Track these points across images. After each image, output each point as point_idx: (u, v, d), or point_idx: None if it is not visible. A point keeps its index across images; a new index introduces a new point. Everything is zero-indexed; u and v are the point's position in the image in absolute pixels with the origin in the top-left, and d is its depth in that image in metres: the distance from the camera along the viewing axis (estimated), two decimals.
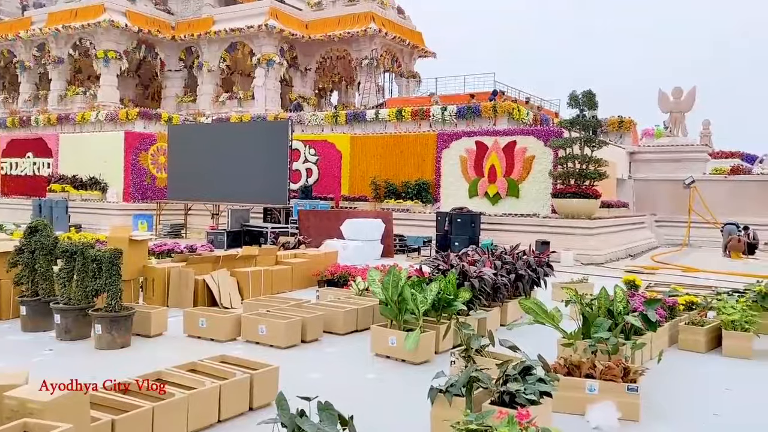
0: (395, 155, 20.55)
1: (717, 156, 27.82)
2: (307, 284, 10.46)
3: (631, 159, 24.20)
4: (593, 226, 16.35)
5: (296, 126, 23.21)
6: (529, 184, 18.07)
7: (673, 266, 15.11)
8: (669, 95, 24.50)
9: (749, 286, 8.06)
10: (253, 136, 19.51)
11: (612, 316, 5.80)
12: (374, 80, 29.52)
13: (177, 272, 8.63)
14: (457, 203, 18.51)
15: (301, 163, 21.98)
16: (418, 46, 31.94)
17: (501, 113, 20.37)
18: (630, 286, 8.86)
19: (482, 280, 7.33)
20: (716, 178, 22.46)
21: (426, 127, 21.51)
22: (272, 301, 8.10)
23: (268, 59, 28.57)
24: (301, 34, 29.61)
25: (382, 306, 6.52)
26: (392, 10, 30.94)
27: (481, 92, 24.78)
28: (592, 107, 16.76)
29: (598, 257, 15.62)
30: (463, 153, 19.12)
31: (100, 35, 28.62)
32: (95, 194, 22.63)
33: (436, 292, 6.41)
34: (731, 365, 6.28)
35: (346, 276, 9.97)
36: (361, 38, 28.95)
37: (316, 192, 21.15)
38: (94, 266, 6.49)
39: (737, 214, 20.07)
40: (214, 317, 6.98)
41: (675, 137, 24.58)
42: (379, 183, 20.32)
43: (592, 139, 16.58)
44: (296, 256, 11.24)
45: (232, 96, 29.84)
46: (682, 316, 7.18)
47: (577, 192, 16.49)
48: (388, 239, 16.21)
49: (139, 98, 34.25)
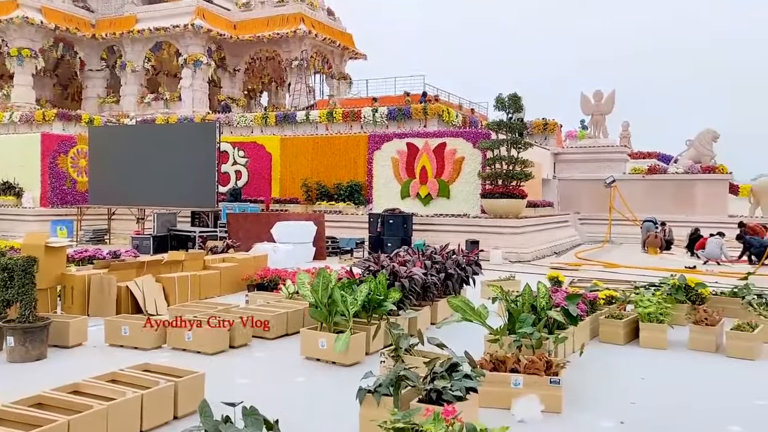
0: (327, 157, 20.48)
1: (635, 156, 29.15)
2: (236, 289, 10.27)
3: (555, 160, 25.02)
4: (520, 225, 16.80)
5: (225, 128, 22.78)
6: (460, 185, 18.39)
7: (595, 262, 15.71)
8: (590, 98, 25.48)
9: (664, 280, 8.48)
10: (179, 138, 18.99)
11: (536, 311, 5.98)
12: (305, 81, 29.32)
13: (98, 279, 8.29)
14: (390, 204, 18.63)
15: (230, 165, 21.57)
16: (348, 47, 31.96)
17: (431, 115, 20.66)
18: (554, 283, 9.17)
19: (412, 280, 7.41)
20: (635, 178, 23.52)
21: (357, 128, 21.56)
22: (200, 307, 7.90)
23: (195, 60, 27.91)
24: (230, 35, 29.07)
25: (311, 309, 6.48)
26: (322, 12, 30.83)
27: (412, 94, 25.05)
28: (517, 110, 17.21)
29: (526, 255, 16.06)
30: (395, 154, 19.26)
31: (13, 32, 27.16)
32: (9, 200, 21.45)
33: (366, 294, 6.42)
34: (647, 356, 6.59)
35: (277, 279, 9.85)
36: (290, 39, 28.71)
37: (246, 195, 20.80)
38: (5, 275, 6.15)
39: (654, 211, 21.08)
40: (137, 325, 6.74)
41: (596, 138, 25.59)
42: (311, 185, 20.19)
43: (518, 140, 17.04)
44: (225, 260, 11.02)
45: (158, 97, 28.99)
46: (602, 310, 7.48)
47: (505, 192, 16.91)
48: (320, 242, 16.13)
49: (57, 99, 32.71)
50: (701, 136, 23.75)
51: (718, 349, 6.70)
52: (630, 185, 23.00)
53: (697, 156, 23.49)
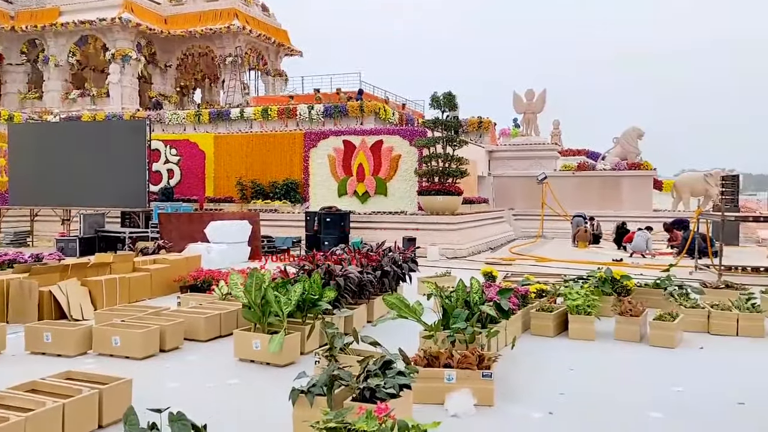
0: (262, 155, 20.19)
1: (566, 154, 30.08)
2: (168, 291, 9.99)
3: (490, 157, 25.52)
4: (456, 222, 17.05)
5: (156, 125, 22.14)
6: (397, 182, 18.50)
7: (528, 257, 16.12)
8: (522, 97, 26.11)
9: (592, 273, 8.78)
10: (107, 135, 18.28)
11: (469, 306, 6.07)
12: (239, 78, 28.82)
13: (17, 284, 7.89)
14: (327, 202, 18.54)
15: (161, 164, 20.97)
16: (284, 44, 31.62)
17: (368, 113, 20.68)
18: (488, 278, 9.35)
19: (348, 278, 7.39)
20: (565, 174, 24.26)
21: (293, 126, 21.36)
22: (128, 310, 7.64)
23: (124, 55, 26.99)
24: (160, 29, 28.25)
25: (245, 310, 6.37)
26: (256, 8, 30.37)
27: (348, 91, 25.00)
28: (452, 108, 17.44)
29: (462, 251, 16.31)
30: (332, 152, 19.18)
31: None
32: None
33: (301, 293, 6.36)
34: (576, 347, 6.80)
35: (210, 280, 9.62)
36: (224, 35, 28.16)
37: (179, 194, 20.28)
38: None
39: (583, 206, 21.81)
40: (60, 331, 6.46)
41: (528, 136, 26.25)
42: (246, 183, 19.87)
43: (454, 138, 17.28)
44: (156, 261, 10.70)
45: (84, 93, 27.90)
46: (533, 304, 7.67)
47: (441, 189, 17.12)
48: (256, 241, 15.89)
49: None
50: (627, 133, 24.72)
51: (642, 338, 6.99)
52: (561, 182, 23.70)
53: (624, 153, 24.43)
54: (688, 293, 8.17)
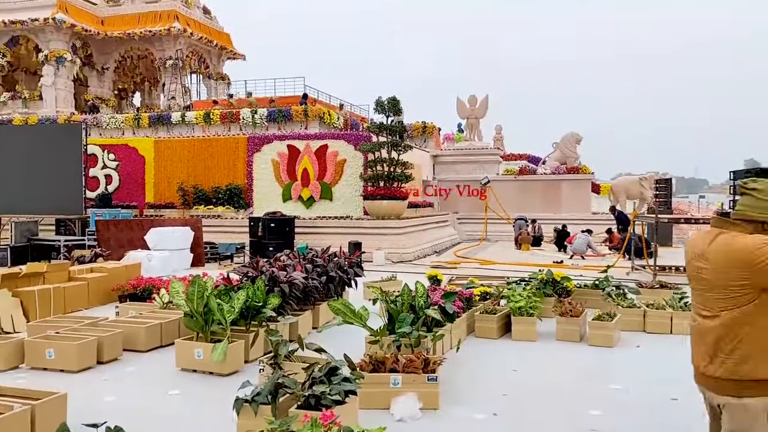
0: (204, 159, 19.82)
1: (508, 158, 30.70)
2: (106, 300, 9.67)
3: (434, 161, 25.80)
4: (402, 226, 17.15)
5: (93, 129, 21.44)
6: (342, 187, 18.47)
7: (472, 260, 16.36)
8: (465, 103, 26.52)
9: (534, 275, 8.98)
10: (40, 140, 17.58)
11: (414, 311, 6.11)
12: (180, 81, 28.22)
13: None
14: (271, 208, 18.33)
15: (99, 169, 20.32)
16: (226, 47, 31.17)
17: (312, 117, 20.59)
18: (433, 281, 9.44)
19: (292, 284, 7.32)
20: (507, 178, 24.75)
21: (236, 130, 21.05)
22: (64, 321, 7.35)
23: (58, 56, 26.04)
24: (96, 31, 27.40)
25: (186, 319, 6.23)
26: (197, 10, 29.83)
27: (292, 96, 24.83)
28: (397, 113, 17.56)
29: (408, 255, 16.41)
30: (276, 157, 19.00)
31: None
32: None
33: (244, 301, 6.26)
34: (519, 348, 6.93)
35: (150, 289, 9.37)
36: (164, 37, 27.53)
37: (118, 200, 19.69)
38: None
39: (525, 209, 22.30)
40: None
41: (472, 141, 26.67)
42: (188, 189, 19.46)
43: (398, 143, 17.39)
44: (93, 270, 10.34)
45: (15, 96, 26.77)
46: (477, 306, 7.78)
47: (387, 194, 17.19)
48: (198, 248, 15.56)
49: None
50: (566, 138, 25.42)
51: (582, 338, 7.18)
52: (503, 185, 24.18)
53: (563, 157, 25.12)
54: (625, 293, 8.45)
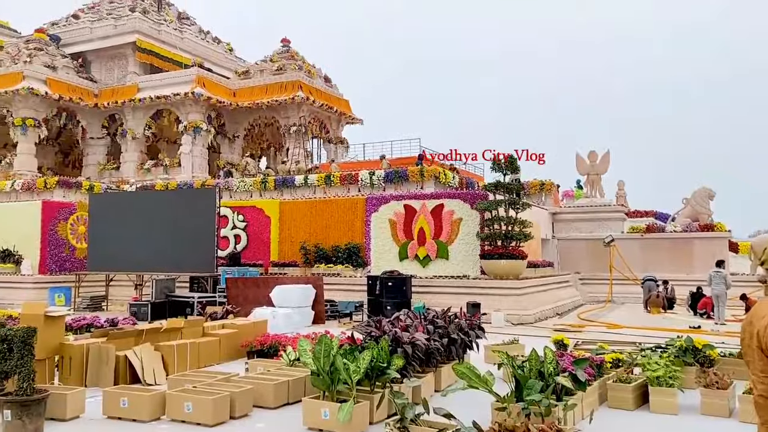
0: (324, 219, 20.55)
1: (633, 215, 29.29)
2: (236, 356, 10.11)
3: (553, 219, 25.14)
4: (521, 286, 16.71)
5: (224, 192, 22.95)
6: (458, 246, 18.39)
7: (598, 323, 15.55)
8: (585, 158, 25.84)
9: (670, 342, 8.37)
10: (179, 203, 19.09)
11: (543, 377, 5.87)
12: (302, 146, 29.75)
13: (96, 349, 8.16)
14: (388, 266, 18.55)
15: (229, 229, 21.61)
16: (345, 113, 32.59)
17: (428, 177, 20.85)
18: (559, 346, 9.05)
19: (415, 345, 7.30)
20: (633, 237, 23.57)
21: (354, 191, 21.73)
22: (199, 376, 7.76)
23: (195, 126, 28.40)
24: (229, 102, 29.69)
25: (313, 377, 6.36)
26: (319, 79, 31.58)
27: (407, 157, 25.36)
28: (514, 171, 17.42)
29: (528, 317, 15.91)
30: (392, 216, 19.34)
31: (18, 103, 27.73)
32: (9, 267, 21.36)
33: (369, 361, 6.32)
34: (659, 422, 6.43)
35: (276, 346, 9.70)
36: (288, 106, 29.29)
37: (245, 259, 20.75)
38: (3, 347, 6.05)
39: (653, 270, 21.02)
40: (136, 396, 6.60)
41: (593, 198, 25.80)
42: (309, 248, 20.18)
43: (516, 201, 17.17)
44: (224, 326, 10.89)
45: (158, 163, 29.32)
46: (609, 374, 7.35)
47: (505, 253, 16.90)
48: (319, 305, 15.99)
49: (58, 166, 33.05)
50: (697, 194, 23.97)
51: (731, 414, 6.55)
52: (628, 244, 23.03)
53: (694, 214, 23.63)
54: None
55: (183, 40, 33.73)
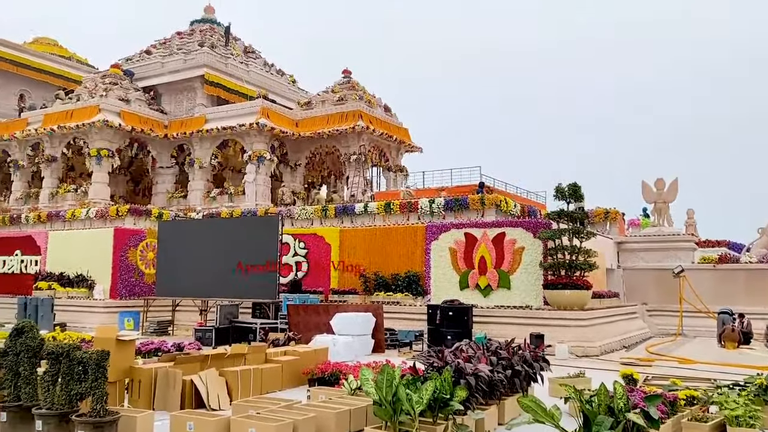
0: (384, 247, 20.61)
1: (703, 245, 28.16)
2: (297, 383, 10.18)
3: (618, 249, 24.41)
4: (586, 318, 16.23)
5: (286, 220, 23.38)
6: (520, 275, 18.06)
7: (669, 357, 14.90)
8: (652, 186, 25.09)
9: (749, 379, 7.93)
10: (243, 230, 19.57)
11: (613, 413, 5.65)
12: (362, 174, 30.09)
13: (164, 373, 8.38)
14: (448, 295, 18.38)
15: (290, 256, 21.95)
16: (404, 141, 32.84)
17: (489, 205, 20.68)
18: (628, 380, 8.72)
19: (478, 377, 7.17)
20: (704, 267, 22.61)
21: (414, 219, 21.73)
22: (262, 402, 7.82)
23: (259, 156, 29.18)
24: (291, 132, 30.42)
25: (375, 407, 6.33)
26: (379, 109, 32.02)
27: (467, 185, 25.25)
28: (578, 199, 17.08)
29: (593, 349, 15.41)
30: (453, 245, 19.21)
31: (93, 134, 29.24)
32: (82, 291, 22.33)
33: (432, 392, 6.24)
34: None
35: (337, 374, 9.72)
36: (349, 135, 29.76)
37: (306, 286, 20.99)
38: (79, 369, 6.30)
39: (726, 302, 20.05)
40: (201, 420, 6.72)
41: (661, 227, 24.95)
42: (369, 275, 20.23)
43: (580, 230, 16.79)
44: (286, 353, 11.00)
45: (223, 191, 30.21)
46: (683, 412, 7.02)
47: (569, 283, 16.49)
48: (379, 333, 15.96)
49: (129, 194, 34.53)
50: None
51: None
52: (699, 275, 22.08)
53: None
54: None
55: (248, 73, 34.94)
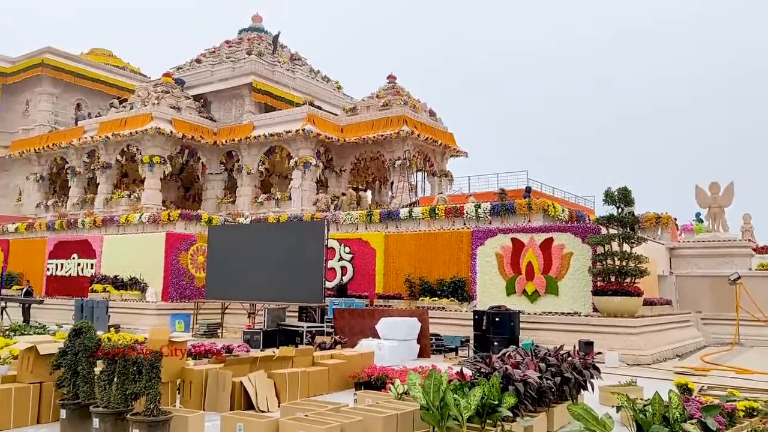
0: (429, 252, 20.55)
1: (761, 251, 27.10)
2: (344, 386, 10.23)
3: (671, 254, 23.75)
4: (637, 325, 15.83)
5: (331, 225, 23.57)
6: (568, 281, 17.76)
7: (725, 367, 14.40)
8: (706, 191, 24.33)
9: None
10: (289, 235, 19.80)
11: (668, 423, 5.51)
12: (407, 179, 30.10)
13: (214, 374, 8.55)
14: (494, 301, 18.20)
15: (336, 261, 22.11)
16: (449, 146, 32.72)
17: (536, 210, 20.41)
18: (682, 390, 8.47)
19: (527, 383, 7.08)
20: (762, 274, 21.77)
21: (460, 224, 21.62)
22: (310, 405, 7.89)
23: (305, 162, 29.53)
24: (337, 138, 30.68)
25: (423, 411, 6.30)
26: (424, 113, 32.00)
27: (514, 189, 24.99)
28: (628, 203, 16.70)
29: (644, 358, 15.01)
30: (499, 250, 19.03)
31: (146, 142, 30.14)
32: (135, 294, 22.98)
33: (480, 397, 6.19)
34: None
35: (384, 378, 9.73)
36: (394, 140, 29.83)
37: (351, 290, 21.09)
38: (134, 369, 6.48)
39: None
40: (251, 422, 6.82)
41: (715, 232, 24.16)
42: (414, 281, 20.21)
43: (631, 235, 16.40)
44: (333, 356, 11.08)
45: (270, 197, 30.68)
46: (743, 424, 6.76)
47: (619, 289, 16.13)
48: (424, 339, 15.91)
49: (180, 200, 35.44)
50: None
51: None
52: (758, 282, 21.27)
53: None
54: None
55: (295, 80, 35.45)
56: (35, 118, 37.91)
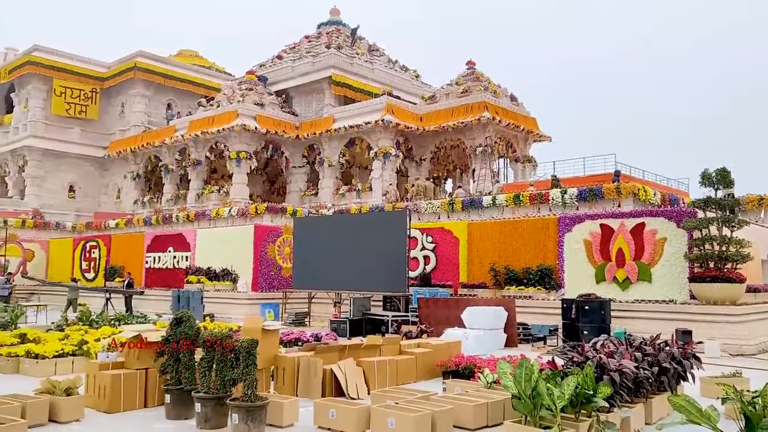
0: (514, 240, 20.19)
1: None
2: (431, 375, 10.25)
3: None
4: (740, 313, 14.95)
5: (413, 214, 23.60)
6: (662, 268, 16.98)
7: None
8: None
9: None
10: (372, 225, 20.01)
11: None
12: (489, 166, 29.68)
13: (306, 361, 8.77)
14: (583, 289, 17.64)
15: (418, 250, 22.13)
16: (532, 131, 31.99)
17: (625, 194, 19.65)
18: None
19: (623, 373, 6.83)
20: None
21: (545, 211, 21.12)
22: (399, 393, 7.96)
23: (385, 152, 29.71)
24: (416, 127, 30.66)
25: (514, 401, 6.21)
26: (505, 99, 31.42)
27: (601, 174, 24.12)
28: (727, 185, 15.76)
29: (748, 347, 14.18)
30: (587, 236, 18.43)
31: (233, 138, 31.24)
32: (227, 285, 23.93)
33: (574, 387, 6.03)
34: None
35: (472, 367, 9.67)
36: (474, 127, 29.47)
37: (435, 279, 21.06)
38: (231, 356, 6.75)
39: None
40: (343, 408, 6.96)
41: None
42: (499, 269, 19.92)
43: (731, 218, 15.48)
44: (419, 345, 11.11)
45: (351, 188, 31.10)
46: None
47: (718, 276, 15.27)
48: (511, 328, 15.68)
49: (265, 194, 36.57)
50: None
51: None
52: None
53: None
54: None
55: (373, 71, 35.68)
56: (130, 119, 40.15)
